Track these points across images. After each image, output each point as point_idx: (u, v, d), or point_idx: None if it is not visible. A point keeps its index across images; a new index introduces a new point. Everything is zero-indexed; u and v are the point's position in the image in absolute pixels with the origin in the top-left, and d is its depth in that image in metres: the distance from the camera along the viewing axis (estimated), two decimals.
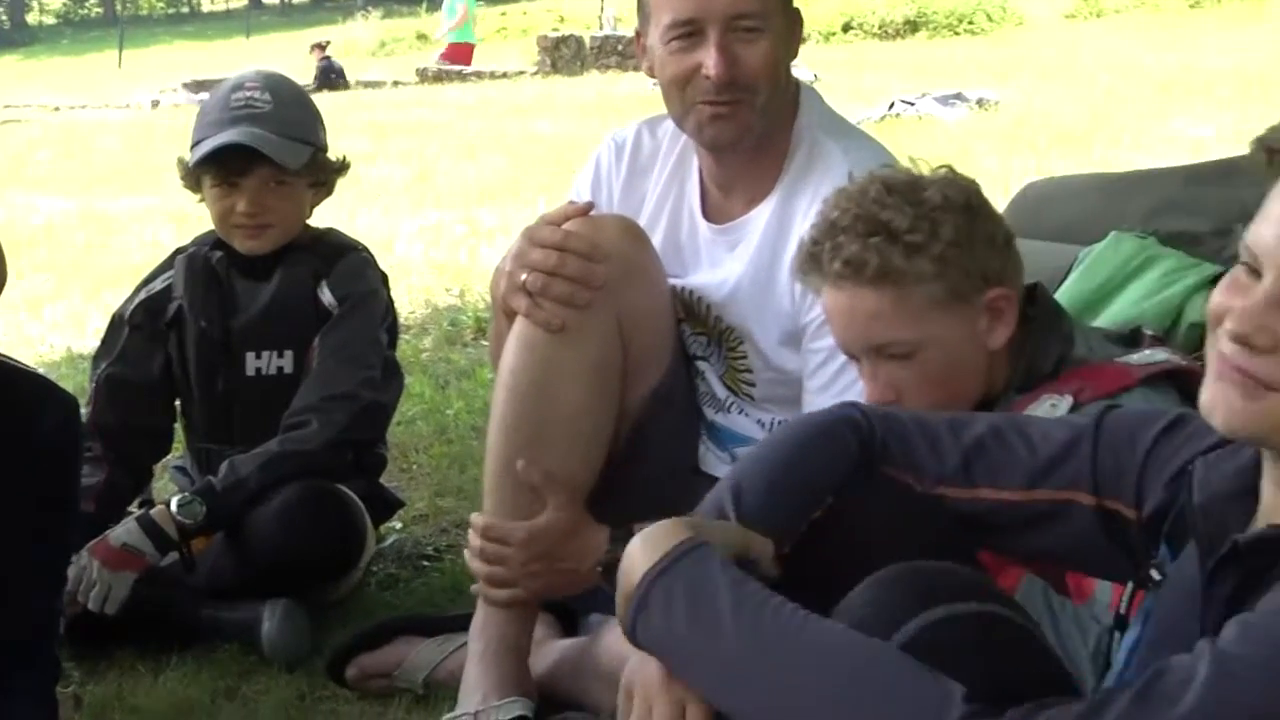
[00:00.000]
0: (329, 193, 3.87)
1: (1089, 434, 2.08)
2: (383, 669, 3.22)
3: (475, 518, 2.98)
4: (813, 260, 2.61)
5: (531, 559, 2.92)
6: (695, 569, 1.85)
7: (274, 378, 3.73)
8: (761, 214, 3.11)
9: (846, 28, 24.14)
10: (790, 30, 3.09)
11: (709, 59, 2.97)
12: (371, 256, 3.87)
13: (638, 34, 3.16)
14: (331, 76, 23.13)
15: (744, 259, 3.12)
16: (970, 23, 23.26)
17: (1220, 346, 1.71)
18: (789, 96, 3.13)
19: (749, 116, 3.02)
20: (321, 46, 24.70)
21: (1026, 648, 1.82)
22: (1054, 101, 13.91)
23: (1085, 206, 3.67)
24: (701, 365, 3.26)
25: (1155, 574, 1.96)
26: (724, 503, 2.05)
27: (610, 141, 3.37)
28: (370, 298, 3.76)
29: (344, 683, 3.23)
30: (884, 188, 2.58)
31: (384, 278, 3.88)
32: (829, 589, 1.91)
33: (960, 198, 2.59)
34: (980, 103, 13.69)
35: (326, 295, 3.71)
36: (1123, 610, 2.03)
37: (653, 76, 3.12)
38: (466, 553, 3.02)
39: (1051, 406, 2.51)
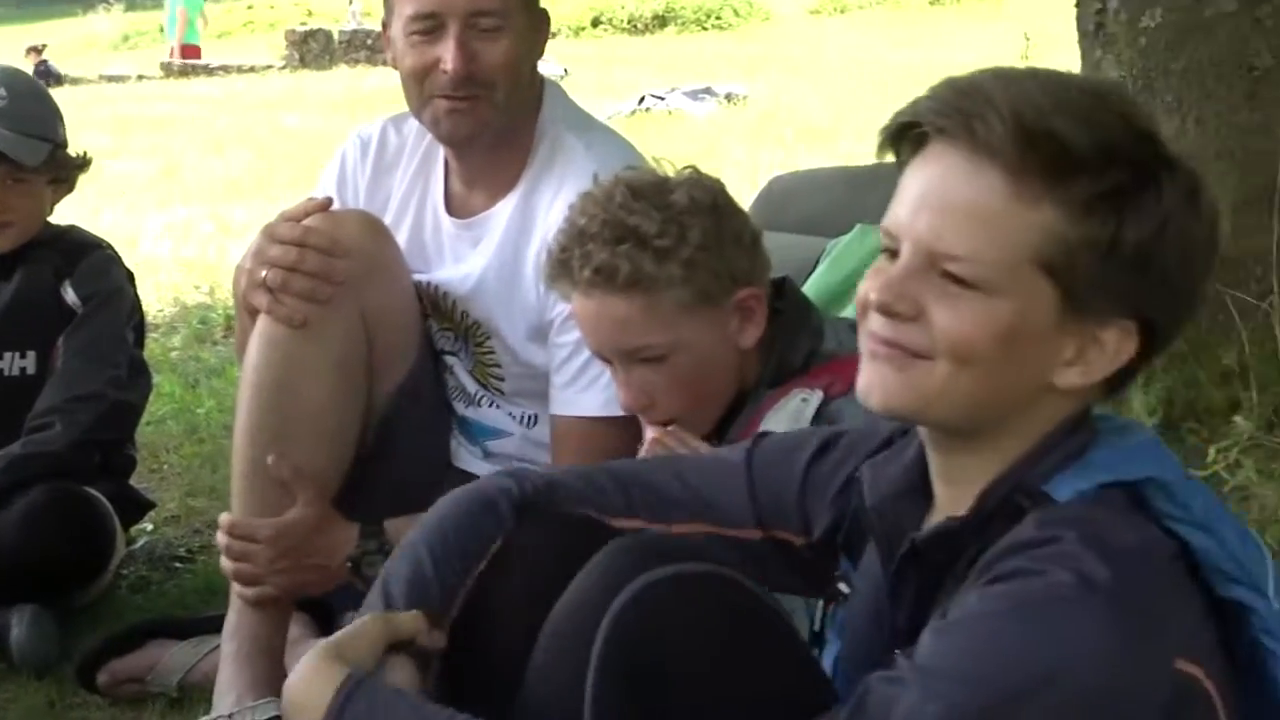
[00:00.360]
0: (70, 189, 3.80)
1: (742, 470, 2.12)
2: (135, 673, 3.17)
3: (223, 517, 2.95)
4: (561, 267, 2.60)
5: (279, 555, 2.90)
6: (369, 706, 1.84)
7: (16, 379, 3.64)
8: (504, 209, 3.12)
9: (595, 22, 24.24)
10: (534, 28, 3.10)
11: (447, 54, 2.98)
12: (116, 254, 3.81)
13: (384, 25, 3.16)
14: (49, 80, 22.51)
15: (488, 254, 3.12)
16: (718, 18, 23.50)
17: (869, 326, 1.75)
18: (533, 93, 3.15)
19: (486, 112, 3.03)
20: (38, 50, 24.11)
21: (756, 611, 1.84)
22: (801, 96, 14.14)
23: (831, 199, 3.74)
24: (450, 360, 3.26)
25: (843, 587, 2.02)
26: (375, 596, 2.06)
27: (355, 138, 3.35)
28: (115, 296, 3.70)
29: (95, 689, 3.17)
30: (629, 191, 2.58)
31: (129, 275, 3.81)
32: (508, 635, 1.96)
33: (707, 199, 2.61)
34: (729, 97, 13.86)
35: (70, 294, 3.64)
36: (817, 628, 2.07)
37: (396, 67, 3.12)
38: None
39: (803, 401, 2.55)
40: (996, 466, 1.76)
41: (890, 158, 1.81)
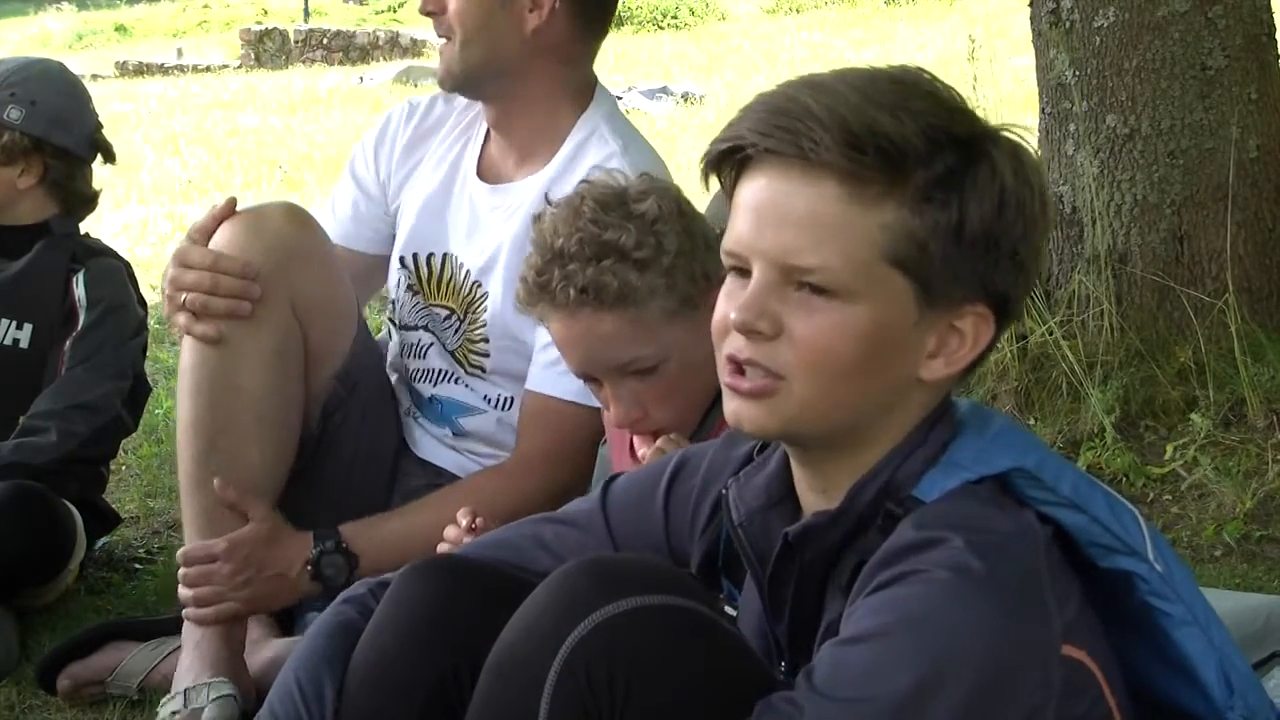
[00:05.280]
0: (55, 193, 3.82)
1: (599, 522, 2.12)
2: (95, 676, 3.15)
3: (180, 552, 2.94)
4: (541, 290, 2.56)
5: (238, 569, 2.89)
6: None
7: (8, 349, 3.65)
8: (535, 184, 3.15)
9: None
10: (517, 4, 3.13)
11: None
12: (132, 272, 3.86)
13: None
14: None
15: (513, 227, 3.14)
16: (674, 17, 23.48)
17: (728, 348, 1.77)
18: (561, 81, 3.19)
19: (450, 60, 3.14)
20: None
21: (716, 641, 1.83)
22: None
23: None
24: (419, 335, 3.28)
25: (730, 610, 2.01)
26: None
27: (406, 103, 3.45)
28: (124, 309, 3.73)
29: (55, 692, 3.16)
30: (597, 205, 2.55)
31: (141, 300, 3.85)
32: None
33: (672, 205, 2.60)
34: (685, 97, 13.85)
35: (79, 288, 3.67)
36: None
37: None
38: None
39: None
40: (864, 467, 1.79)
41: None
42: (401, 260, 3.33)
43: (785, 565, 1.83)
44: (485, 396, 3.25)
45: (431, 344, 3.29)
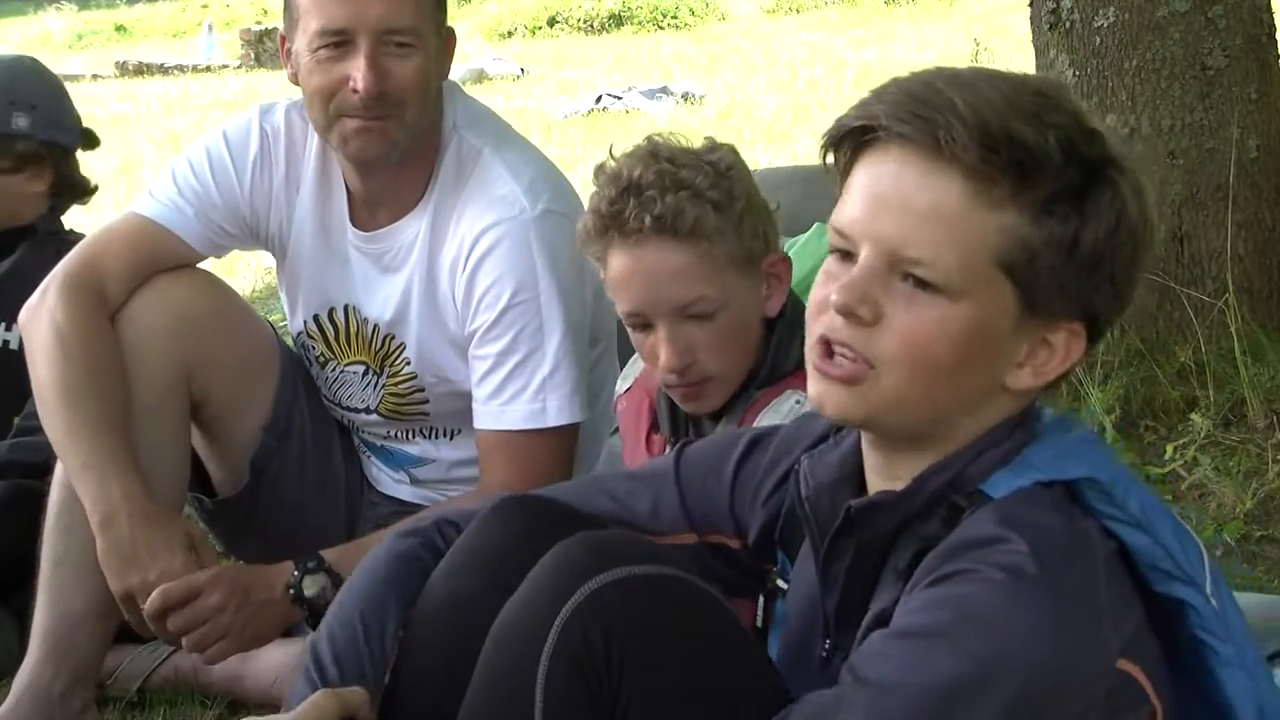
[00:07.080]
0: (53, 192, 3.83)
1: (670, 479, 2.13)
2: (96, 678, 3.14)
3: (160, 590, 2.74)
4: (613, 220, 2.52)
5: (228, 596, 2.75)
6: None
7: (1, 350, 3.64)
8: (415, 225, 3.05)
9: (552, 22, 24.20)
10: (443, 49, 3.02)
11: (358, 73, 2.87)
12: None
13: (282, 39, 3.04)
14: None
15: (406, 274, 3.07)
16: (674, 17, 23.49)
17: (821, 328, 1.75)
18: (437, 108, 3.05)
19: (396, 132, 2.93)
20: None
21: (707, 611, 1.86)
22: (757, 95, 14.12)
23: (788, 198, 3.73)
24: (344, 415, 3.26)
25: (781, 582, 2.04)
26: (311, 672, 2.05)
27: (269, 126, 3.17)
28: None
29: None
30: (672, 150, 2.56)
31: None
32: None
33: (741, 163, 2.61)
34: (686, 97, 13.84)
35: None
36: (759, 624, 2.08)
37: (296, 84, 3.01)
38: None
39: (797, 403, 2.53)
40: (936, 461, 1.79)
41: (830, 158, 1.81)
42: (305, 326, 3.21)
43: (843, 540, 1.84)
44: (435, 432, 3.22)
45: (361, 412, 3.24)
